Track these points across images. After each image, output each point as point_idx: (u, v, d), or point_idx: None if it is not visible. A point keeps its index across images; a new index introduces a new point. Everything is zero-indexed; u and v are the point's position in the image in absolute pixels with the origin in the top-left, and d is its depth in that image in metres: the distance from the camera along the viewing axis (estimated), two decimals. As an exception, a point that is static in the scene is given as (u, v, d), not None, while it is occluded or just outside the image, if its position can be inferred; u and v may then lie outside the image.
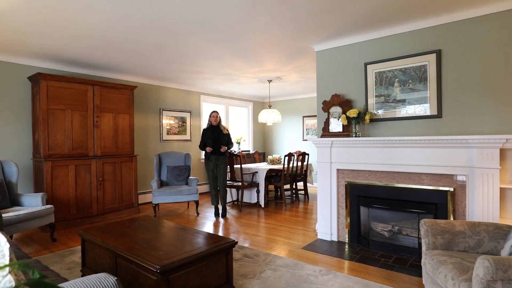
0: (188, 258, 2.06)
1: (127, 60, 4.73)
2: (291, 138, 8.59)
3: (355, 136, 3.57)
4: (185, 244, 2.31)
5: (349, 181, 3.68)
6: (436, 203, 3.10)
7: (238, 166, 5.70)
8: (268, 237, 3.95)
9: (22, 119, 4.63)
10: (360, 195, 3.62)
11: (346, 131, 3.70)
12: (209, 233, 2.62)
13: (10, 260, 1.22)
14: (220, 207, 5.37)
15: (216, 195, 5.09)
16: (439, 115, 3.20)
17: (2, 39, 3.73)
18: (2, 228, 2.60)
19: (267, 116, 6.44)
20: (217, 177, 5.01)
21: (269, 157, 6.48)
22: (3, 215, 3.29)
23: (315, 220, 4.70)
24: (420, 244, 3.18)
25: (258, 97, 8.57)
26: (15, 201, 3.89)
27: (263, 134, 9.09)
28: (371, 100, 3.63)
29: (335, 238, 3.78)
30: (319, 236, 3.88)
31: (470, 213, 2.90)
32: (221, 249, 2.31)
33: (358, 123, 3.59)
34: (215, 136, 4.97)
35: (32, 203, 3.83)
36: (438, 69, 3.19)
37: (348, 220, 3.69)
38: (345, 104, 3.74)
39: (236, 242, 2.43)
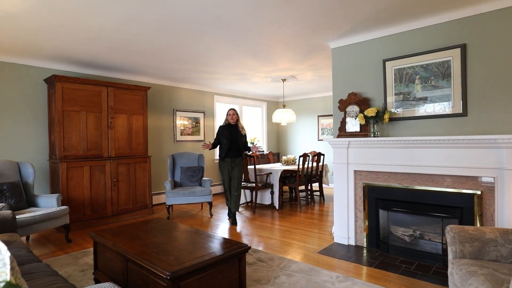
0: (199, 264, 1.99)
1: (139, 61, 4.72)
2: (306, 138, 8.44)
3: (374, 136, 3.42)
4: (197, 249, 2.24)
5: (367, 183, 3.54)
6: (462, 207, 2.92)
7: (252, 166, 5.61)
8: (283, 240, 3.84)
9: (39, 121, 4.69)
10: (378, 198, 3.46)
11: (364, 131, 3.56)
12: (221, 237, 2.54)
13: (12, 268, 1.17)
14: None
15: (231, 199, 4.76)
16: (463, 113, 3.02)
17: (18, 42, 3.78)
18: (16, 230, 2.60)
19: (281, 116, 6.33)
20: (233, 180, 4.65)
21: (284, 157, 6.37)
22: (19, 216, 3.32)
23: (331, 223, 4.56)
24: (444, 250, 3.01)
25: (272, 96, 8.46)
26: (31, 202, 3.93)
27: (277, 134, 8.98)
28: (390, 98, 3.47)
29: (352, 242, 3.63)
30: (336, 240, 3.75)
31: (499, 218, 2.71)
32: (233, 254, 2.22)
33: (376, 122, 3.44)
34: (232, 136, 4.55)
35: (48, 204, 3.86)
36: (462, 65, 3.01)
37: (366, 224, 3.54)
38: (363, 102, 3.60)
39: (249, 247, 2.34)
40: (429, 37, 3.22)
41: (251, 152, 4.49)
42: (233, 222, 4.61)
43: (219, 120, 7.49)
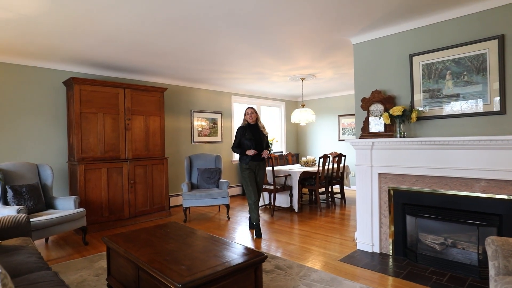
0: (212, 275, 1.86)
1: (156, 62, 4.67)
2: (326, 138, 8.20)
3: (400, 137, 3.18)
4: (210, 257, 2.11)
5: (392, 186, 3.31)
6: (501, 214, 2.65)
7: (270, 168, 5.46)
8: (302, 246, 3.67)
9: (59, 123, 4.74)
10: (406, 203, 3.23)
11: (389, 131, 3.33)
12: (237, 244, 2.40)
13: (3, 285, 1.08)
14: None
15: (257, 209, 4.11)
16: (502, 111, 2.74)
17: (36, 45, 3.80)
18: (30, 234, 2.57)
19: (300, 116, 6.14)
20: (259, 187, 4.18)
21: (303, 158, 6.17)
22: (37, 218, 3.33)
23: (353, 228, 4.34)
24: (480, 261, 2.75)
25: (290, 96, 8.28)
26: (50, 204, 3.95)
27: (296, 134, 8.78)
28: (418, 96, 3.22)
29: (377, 250, 3.41)
30: (359, 247, 3.53)
31: (545, 227, 2.43)
32: (249, 264, 2.08)
33: (403, 122, 3.21)
34: (256, 137, 4.12)
35: (66, 206, 3.87)
36: (500, 58, 2.73)
37: (392, 230, 3.31)
38: (387, 101, 3.37)
39: (266, 257, 2.19)
40: (462, 29, 2.95)
41: (262, 156, 4.13)
42: (258, 234, 4.06)
43: (237, 120, 7.39)
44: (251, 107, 4.27)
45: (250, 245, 3.75)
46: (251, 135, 4.10)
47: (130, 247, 2.35)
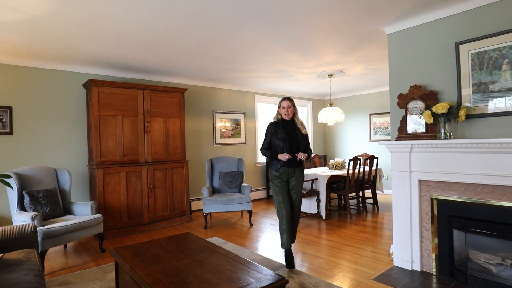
0: (221, 305, 1.58)
1: (174, 61, 4.49)
2: (356, 139, 7.70)
3: (445, 138, 2.75)
4: (222, 281, 1.83)
5: (436, 196, 2.87)
6: None
7: (295, 172, 5.11)
8: (330, 260, 3.31)
9: (80, 127, 4.68)
10: (452, 215, 2.78)
11: (431, 132, 2.89)
12: (255, 264, 2.10)
13: None
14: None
15: (290, 229, 3.13)
16: None
17: (53, 48, 3.72)
18: (36, 245, 2.43)
19: (328, 115, 5.74)
20: (293, 200, 3.22)
21: (331, 161, 5.77)
22: (52, 225, 3.22)
23: (388, 239, 3.90)
24: (550, 290, 2.27)
25: (317, 94, 7.87)
26: (68, 210, 3.86)
27: (323, 135, 8.34)
28: (466, 91, 2.77)
29: (417, 267, 2.98)
30: (396, 263, 3.12)
31: None
32: (267, 290, 1.78)
33: (448, 121, 2.77)
34: (291, 136, 3.21)
35: (83, 212, 3.76)
36: None
37: (436, 246, 2.87)
38: (429, 97, 2.93)
39: (287, 281, 1.87)
40: (523, 9, 2.48)
41: (304, 159, 3.20)
42: (289, 264, 3.09)
43: (261, 121, 7.10)
44: (288, 99, 3.24)
45: (273, 257, 3.44)
46: (285, 133, 3.18)
47: (137, 263, 2.13)
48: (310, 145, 3.15)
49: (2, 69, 4.11)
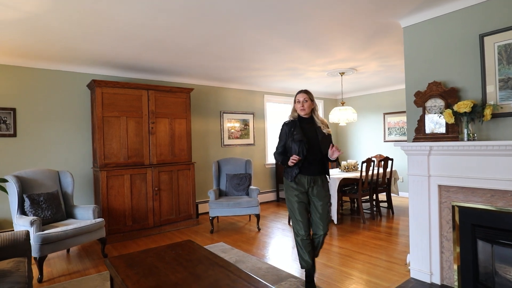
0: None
1: (178, 60, 4.35)
2: (370, 139, 7.42)
3: (469, 140, 2.50)
4: (219, 299, 1.66)
5: (458, 203, 2.62)
6: None
7: (305, 174, 4.90)
8: (342, 270, 3.09)
9: (85, 128, 4.60)
10: (476, 224, 2.53)
11: (452, 132, 2.65)
12: (256, 280, 1.92)
13: None
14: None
15: (307, 248, 2.60)
16: None
17: (54, 48, 3.63)
18: (28, 254, 2.31)
19: (340, 115, 5.50)
20: (316, 218, 2.62)
21: (343, 162, 5.53)
22: (51, 230, 3.12)
23: (404, 246, 3.66)
24: None
25: (328, 93, 7.62)
26: (70, 213, 3.77)
27: (335, 135, 8.08)
28: (491, 87, 2.51)
29: (437, 280, 2.74)
30: (413, 275, 2.88)
31: None
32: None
33: (471, 120, 2.52)
34: (309, 137, 2.63)
35: (85, 216, 3.66)
36: None
37: (458, 257, 2.62)
38: (449, 94, 2.69)
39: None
40: (558, -5, 2.21)
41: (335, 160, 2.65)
42: (310, 286, 2.67)
43: (270, 121, 6.92)
44: (304, 91, 2.70)
45: (281, 266, 3.25)
46: (302, 134, 2.60)
47: (130, 276, 1.98)
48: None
49: (5, 70, 4.06)
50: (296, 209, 2.61)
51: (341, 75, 5.38)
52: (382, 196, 6.33)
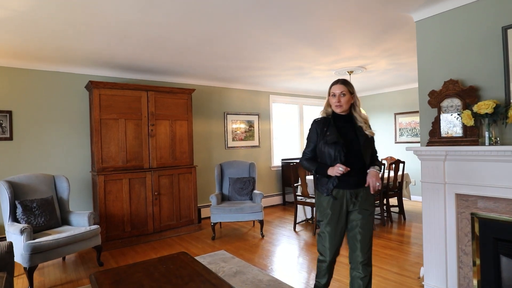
0: None
1: (178, 60, 4.18)
2: (380, 141, 7.12)
3: (490, 144, 2.25)
4: (206, 328, 1.46)
5: (478, 213, 2.37)
6: None
7: (312, 177, 4.68)
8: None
9: (83, 131, 4.48)
10: (500, 238, 2.27)
11: (471, 136, 2.40)
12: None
13: None
14: None
15: (328, 270, 2.23)
16: None
17: (49, 48, 3.51)
18: (9, 267, 2.16)
19: (348, 116, 5.24)
20: (353, 242, 2.13)
21: (351, 165, 5.27)
22: (42, 239, 2.99)
23: (416, 257, 3.41)
24: None
25: (337, 93, 7.34)
26: (65, 220, 3.63)
27: (344, 136, 7.80)
28: (516, 85, 2.26)
29: (454, 298, 2.49)
30: (427, 291, 2.64)
31: None
32: None
33: (493, 122, 2.27)
34: (348, 139, 2.10)
35: (80, 222, 3.52)
36: None
37: (478, 273, 2.37)
38: (468, 94, 2.44)
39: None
40: None
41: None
42: None
43: (276, 122, 6.70)
44: (342, 82, 2.14)
45: (283, 278, 3.04)
46: (338, 135, 2.07)
47: (114, 296, 1.80)
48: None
49: (1, 71, 3.96)
50: (328, 226, 2.09)
51: (349, 74, 5.14)
52: (393, 201, 6.05)
